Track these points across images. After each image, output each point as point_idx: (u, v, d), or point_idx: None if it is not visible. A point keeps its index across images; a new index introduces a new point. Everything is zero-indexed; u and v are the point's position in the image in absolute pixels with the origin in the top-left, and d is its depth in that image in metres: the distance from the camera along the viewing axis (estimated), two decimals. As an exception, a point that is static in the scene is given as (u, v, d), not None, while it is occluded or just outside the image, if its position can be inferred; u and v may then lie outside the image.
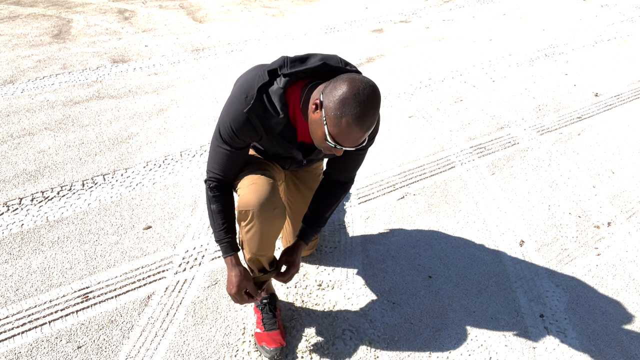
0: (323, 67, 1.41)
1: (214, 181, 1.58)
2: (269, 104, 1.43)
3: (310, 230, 1.74)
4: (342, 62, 1.46)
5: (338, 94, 1.28)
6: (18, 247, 2.19)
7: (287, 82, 1.41)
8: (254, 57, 4.32)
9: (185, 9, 5.82)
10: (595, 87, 3.86)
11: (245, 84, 1.45)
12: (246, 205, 1.50)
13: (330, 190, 1.74)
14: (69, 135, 3.06)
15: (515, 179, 2.74)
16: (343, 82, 1.29)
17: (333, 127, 1.30)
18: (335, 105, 1.28)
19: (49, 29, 4.94)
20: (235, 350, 1.75)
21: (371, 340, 1.80)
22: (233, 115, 1.45)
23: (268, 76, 1.42)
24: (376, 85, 1.31)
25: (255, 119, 1.44)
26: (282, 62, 1.43)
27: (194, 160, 2.83)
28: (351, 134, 1.30)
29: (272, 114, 1.44)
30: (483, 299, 1.98)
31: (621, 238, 2.33)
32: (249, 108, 1.41)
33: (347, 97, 1.26)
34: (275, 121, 1.45)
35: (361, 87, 1.27)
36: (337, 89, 1.29)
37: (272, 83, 1.42)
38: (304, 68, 1.40)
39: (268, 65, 1.46)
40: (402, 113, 3.42)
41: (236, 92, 1.47)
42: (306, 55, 1.46)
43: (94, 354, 1.73)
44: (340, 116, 1.28)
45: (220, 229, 1.59)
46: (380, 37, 4.88)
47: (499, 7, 5.96)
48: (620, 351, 1.79)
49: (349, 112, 1.26)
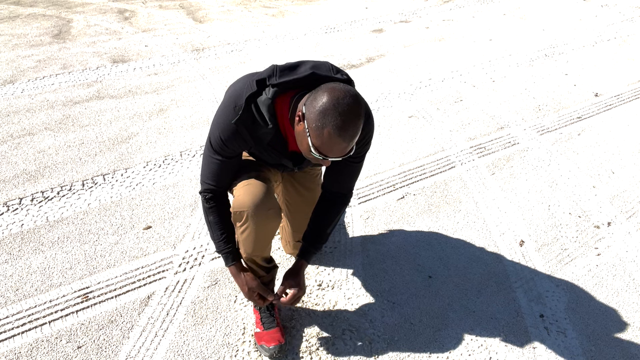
0: (311, 77, 1.38)
1: (209, 192, 1.59)
2: (257, 114, 1.41)
3: (311, 248, 1.71)
4: (332, 70, 1.43)
5: (318, 105, 1.25)
6: (18, 247, 2.19)
7: (276, 93, 1.39)
8: (254, 57, 4.32)
9: (185, 9, 5.82)
10: (595, 87, 3.86)
11: (234, 94, 1.45)
12: (241, 206, 1.50)
13: (329, 204, 1.70)
14: (69, 135, 3.06)
15: (515, 179, 2.74)
16: (323, 93, 1.26)
17: (316, 139, 1.28)
18: (316, 117, 1.26)
19: (49, 29, 4.94)
20: (235, 350, 1.75)
21: (371, 340, 1.80)
22: (222, 126, 1.45)
23: (256, 86, 1.40)
24: (357, 94, 1.29)
25: (243, 129, 1.44)
26: (272, 71, 1.41)
27: (194, 160, 2.83)
28: (335, 145, 1.28)
29: (260, 124, 1.43)
30: (483, 299, 1.98)
31: (621, 238, 2.33)
32: (237, 119, 1.41)
33: (327, 107, 1.24)
34: (264, 131, 1.44)
35: (341, 96, 1.25)
36: (317, 99, 1.26)
37: (260, 93, 1.40)
38: (292, 78, 1.38)
39: (257, 74, 1.45)
40: (402, 113, 3.42)
41: (225, 102, 1.46)
42: (297, 63, 1.44)
43: (94, 354, 1.73)
44: (321, 127, 1.25)
45: (219, 239, 1.61)
46: (380, 37, 4.88)
47: (499, 7, 5.96)
48: (620, 351, 1.79)
49: (330, 122, 1.24)
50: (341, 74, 1.44)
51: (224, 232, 1.61)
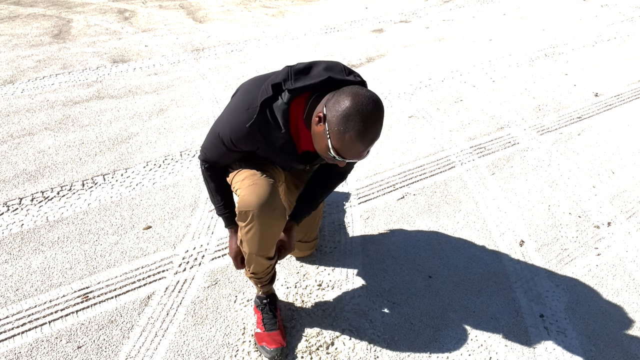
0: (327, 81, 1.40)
1: (209, 163, 1.65)
2: (271, 118, 1.42)
3: (302, 212, 1.78)
4: (345, 71, 1.45)
5: (341, 109, 1.27)
6: (18, 247, 2.19)
7: (291, 97, 1.40)
8: (254, 57, 4.32)
9: (185, 9, 5.82)
10: (595, 87, 3.86)
11: (248, 95, 1.45)
12: (246, 206, 1.50)
13: (327, 177, 1.75)
14: (69, 135, 3.06)
15: (515, 179, 2.74)
16: (347, 97, 1.27)
17: (336, 142, 1.30)
18: (338, 120, 1.27)
19: (49, 29, 4.94)
20: (235, 351, 1.75)
21: (371, 340, 1.80)
22: (234, 126, 1.47)
23: (272, 90, 1.41)
24: (380, 100, 1.31)
25: (257, 133, 1.45)
26: (286, 74, 1.42)
27: (194, 160, 2.83)
28: (354, 149, 1.30)
29: (273, 128, 1.44)
30: (483, 299, 1.98)
31: (621, 238, 2.33)
32: (251, 122, 1.42)
33: (350, 112, 1.26)
34: (277, 136, 1.46)
35: (365, 102, 1.26)
36: (340, 103, 1.28)
37: (276, 98, 1.41)
38: (309, 83, 1.38)
39: (271, 77, 1.45)
40: (402, 113, 3.42)
41: (239, 102, 1.47)
42: (310, 64, 1.45)
43: (94, 354, 1.73)
44: (343, 131, 1.27)
45: (219, 204, 1.71)
46: (380, 37, 4.88)
47: (499, 7, 5.96)
48: (620, 351, 1.79)
49: (353, 127, 1.26)
50: (354, 75, 1.44)
51: (223, 197, 1.70)
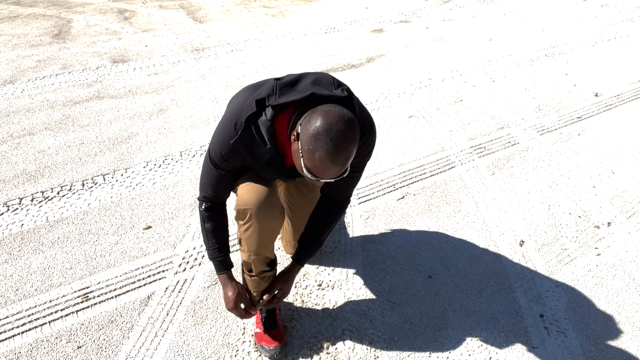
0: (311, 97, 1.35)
1: (208, 201, 1.60)
2: (256, 134, 1.41)
3: (305, 253, 1.73)
4: (334, 84, 1.42)
5: (312, 128, 1.24)
6: (18, 247, 2.19)
7: (275, 114, 1.38)
8: (254, 57, 4.32)
9: (185, 9, 5.82)
10: (595, 87, 3.86)
11: (235, 110, 1.44)
12: (244, 204, 1.50)
13: (327, 210, 1.70)
14: (69, 135, 3.06)
15: (515, 179, 2.74)
16: (317, 116, 1.25)
17: (308, 161, 1.28)
18: (308, 139, 1.25)
19: (49, 29, 4.94)
20: (235, 351, 1.75)
21: (371, 340, 1.80)
22: (222, 143, 1.46)
23: (256, 107, 1.38)
24: (352, 119, 1.27)
25: (242, 149, 1.44)
26: (271, 89, 1.39)
27: (194, 160, 2.83)
28: (326, 168, 1.27)
29: (259, 144, 1.42)
30: (483, 299, 1.98)
31: (621, 238, 2.33)
32: (235, 139, 1.41)
33: (319, 132, 1.23)
34: (263, 151, 1.44)
35: (334, 121, 1.23)
36: (311, 122, 1.25)
37: (260, 114, 1.39)
38: (292, 100, 1.35)
39: (258, 91, 1.43)
40: (402, 113, 3.42)
41: (227, 118, 1.46)
42: (297, 77, 1.42)
43: (94, 354, 1.73)
44: (312, 150, 1.24)
45: (213, 247, 1.62)
46: (380, 37, 4.88)
47: (499, 7, 5.96)
48: (620, 351, 1.79)
49: (321, 147, 1.23)
50: (342, 88, 1.41)
51: (218, 241, 1.62)
